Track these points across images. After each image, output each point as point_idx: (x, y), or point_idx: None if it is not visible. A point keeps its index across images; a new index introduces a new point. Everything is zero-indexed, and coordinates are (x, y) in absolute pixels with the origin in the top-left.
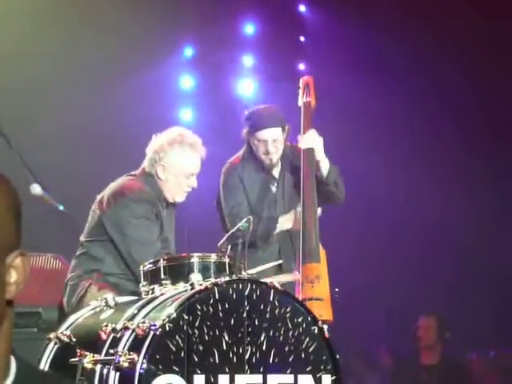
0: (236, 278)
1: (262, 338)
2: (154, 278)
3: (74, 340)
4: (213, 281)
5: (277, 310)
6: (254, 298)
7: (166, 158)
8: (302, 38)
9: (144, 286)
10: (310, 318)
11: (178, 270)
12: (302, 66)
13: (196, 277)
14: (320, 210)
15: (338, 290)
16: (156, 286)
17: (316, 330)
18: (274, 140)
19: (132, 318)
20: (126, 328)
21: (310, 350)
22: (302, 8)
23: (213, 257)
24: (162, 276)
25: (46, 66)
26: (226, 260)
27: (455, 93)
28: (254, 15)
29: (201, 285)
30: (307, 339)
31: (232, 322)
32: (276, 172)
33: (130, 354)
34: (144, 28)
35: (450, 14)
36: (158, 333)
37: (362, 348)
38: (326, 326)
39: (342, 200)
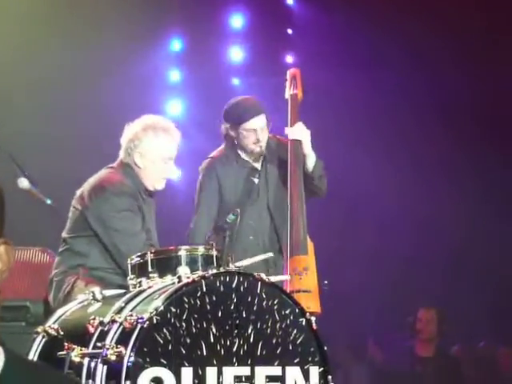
0: (223, 270)
1: (250, 330)
2: (141, 271)
3: (62, 333)
4: (200, 273)
5: (264, 302)
6: (242, 290)
7: (142, 144)
8: (289, 31)
9: (131, 280)
10: (297, 310)
11: (166, 263)
12: (289, 58)
13: (183, 270)
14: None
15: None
16: (143, 279)
17: (304, 322)
18: (261, 128)
19: (119, 311)
20: (113, 321)
21: (298, 342)
22: (289, 1)
23: (200, 250)
24: (150, 269)
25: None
26: (213, 253)
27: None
28: (241, 8)
29: (188, 278)
30: (295, 331)
31: (219, 314)
32: (258, 164)
33: (117, 347)
34: (131, 21)
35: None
36: (146, 326)
37: (350, 340)
38: (313, 318)
39: (324, 194)
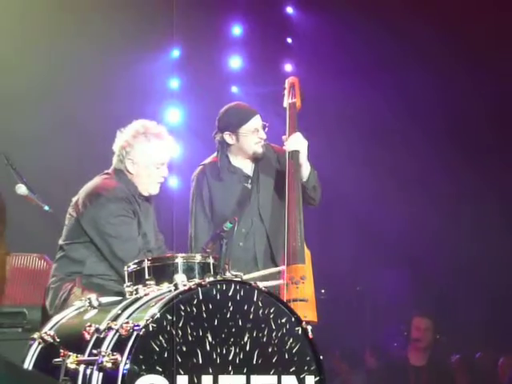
0: (220, 278)
1: (246, 338)
2: (138, 279)
3: (58, 340)
4: (197, 281)
5: (260, 311)
6: (238, 298)
7: (133, 151)
8: (288, 40)
9: (128, 287)
10: (293, 319)
11: (163, 271)
12: (288, 67)
13: (180, 277)
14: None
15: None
16: (140, 287)
17: (300, 331)
18: (261, 127)
19: (115, 318)
20: (109, 328)
21: (294, 351)
22: (289, 10)
23: (197, 257)
24: (147, 276)
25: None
26: (210, 261)
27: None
28: (241, 17)
29: (185, 285)
30: (291, 340)
31: (216, 322)
32: (249, 170)
33: (113, 355)
34: (131, 30)
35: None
36: (142, 333)
37: (347, 349)
38: (309, 327)
39: (317, 204)
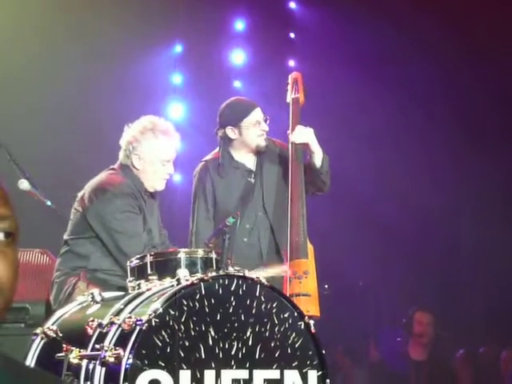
0: (222, 273)
1: (248, 333)
2: (140, 274)
3: (61, 335)
4: (199, 276)
5: (263, 306)
6: (241, 293)
7: (140, 147)
8: (291, 35)
9: (131, 282)
10: (296, 314)
11: (165, 266)
12: (291, 62)
13: (183, 272)
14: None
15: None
16: (142, 282)
17: (302, 326)
18: (262, 119)
19: (118, 313)
20: (112, 323)
21: (297, 346)
22: (292, 4)
23: (200, 252)
24: (149, 271)
25: (34, 62)
26: (212, 255)
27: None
28: (244, 11)
29: (187, 280)
30: (293, 334)
31: (218, 317)
32: (251, 164)
33: (115, 349)
34: (134, 25)
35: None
36: (144, 328)
37: (350, 343)
38: (312, 322)
39: (328, 189)
